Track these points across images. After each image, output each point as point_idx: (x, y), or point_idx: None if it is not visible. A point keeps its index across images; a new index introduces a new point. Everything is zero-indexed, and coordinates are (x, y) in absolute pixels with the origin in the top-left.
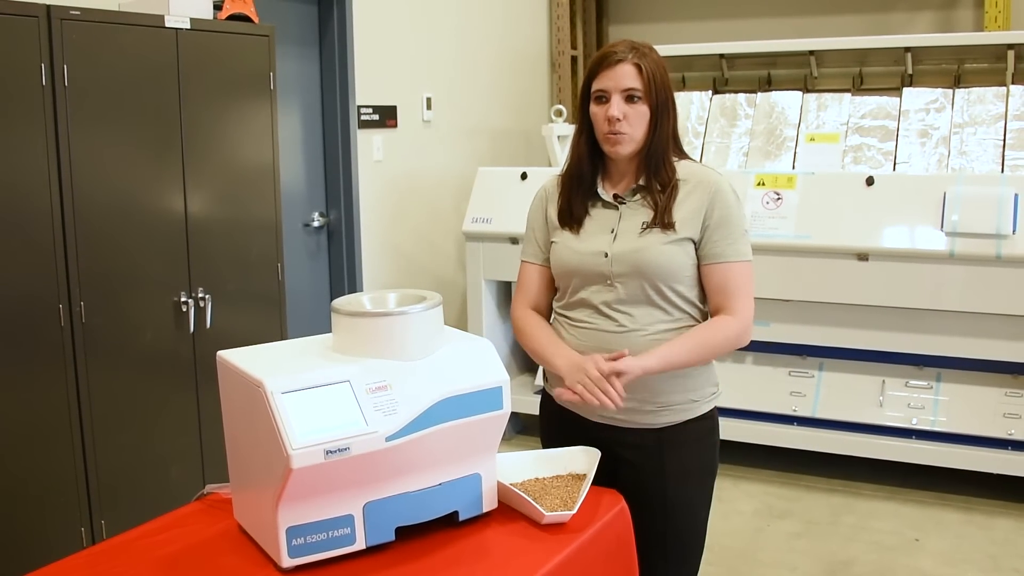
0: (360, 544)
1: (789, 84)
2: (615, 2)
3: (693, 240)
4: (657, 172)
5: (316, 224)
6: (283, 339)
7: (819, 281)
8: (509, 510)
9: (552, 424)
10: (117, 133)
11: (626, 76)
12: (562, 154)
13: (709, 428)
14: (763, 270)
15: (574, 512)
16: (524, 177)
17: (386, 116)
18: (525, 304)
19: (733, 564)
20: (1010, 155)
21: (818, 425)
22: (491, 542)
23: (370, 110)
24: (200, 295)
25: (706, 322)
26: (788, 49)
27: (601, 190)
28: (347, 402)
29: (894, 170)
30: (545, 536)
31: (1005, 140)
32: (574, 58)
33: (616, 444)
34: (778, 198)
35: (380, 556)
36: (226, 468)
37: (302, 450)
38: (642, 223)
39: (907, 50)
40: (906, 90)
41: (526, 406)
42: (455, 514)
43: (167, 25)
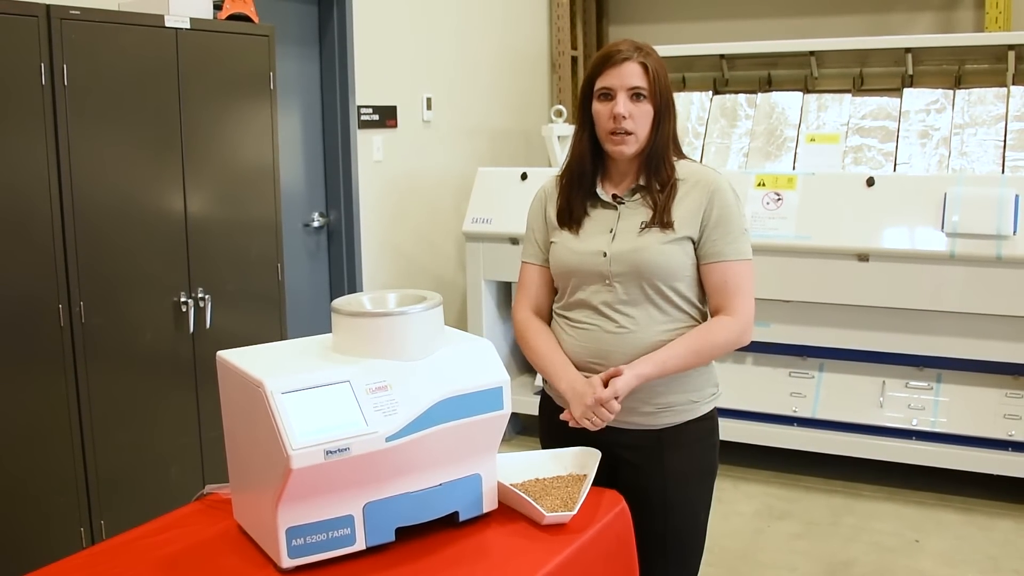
0: (360, 544)
1: (789, 85)
2: (615, 2)
3: (692, 239)
4: (657, 172)
5: (316, 224)
6: (283, 339)
7: (819, 282)
8: (509, 511)
9: (551, 425)
10: (117, 133)
11: (632, 75)
12: (562, 154)
13: (709, 429)
14: (763, 271)
15: (575, 512)
16: (524, 177)
17: (386, 116)
18: (527, 306)
19: (733, 565)
20: (1010, 156)
21: (818, 426)
22: (491, 543)
23: (370, 110)
24: (200, 295)
25: (705, 323)
26: (788, 50)
27: (600, 190)
28: (347, 402)
29: (894, 171)
30: (546, 537)
31: (1006, 141)
32: (574, 58)
33: (616, 445)
34: (778, 199)
35: (380, 557)
36: (226, 468)
37: (302, 450)
38: (641, 223)
39: (907, 51)
40: (906, 91)
41: (526, 406)
42: (455, 514)
43: (167, 25)
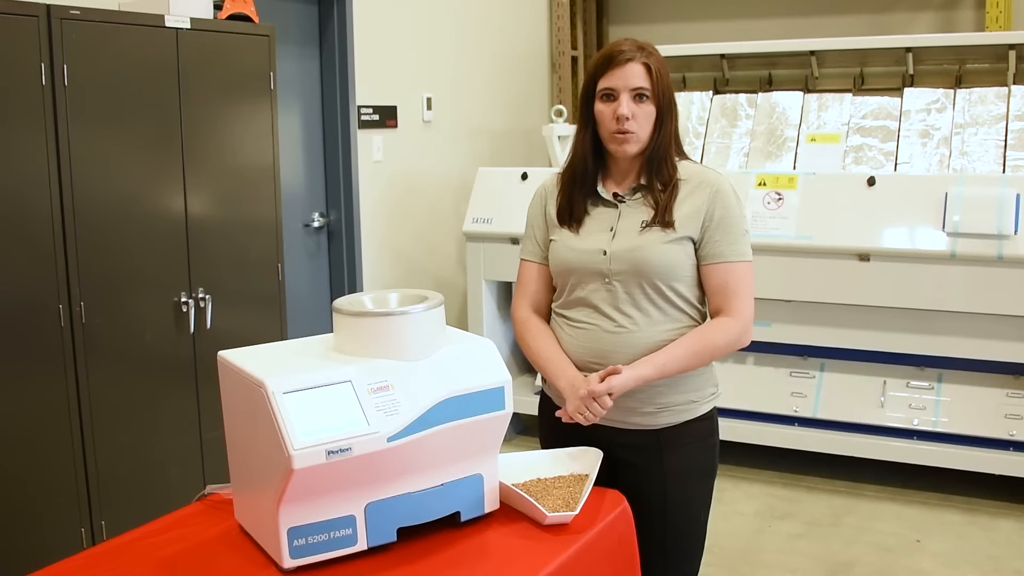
0: (362, 545)
1: (790, 84)
2: (615, 2)
3: (693, 239)
4: (659, 171)
5: (316, 224)
6: (283, 339)
7: (820, 281)
8: (511, 511)
9: (551, 425)
10: (117, 133)
11: (635, 75)
12: (562, 154)
13: (709, 429)
14: (764, 270)
15: (576, 513)
16: (524, 177)
17: (386, 116)
18: (526, 304)
19: (733, 565)
20: (1011, 155)
21: (819, 426)
22: (493, 543)
23: (370, 110)
24: (200, 295)
25: (704, 325)
26: (789, 49)
27: (601, 189)
28: (349, 402)
29: (895, 170)
30: (547, 537)
31: (1006, 140)
32: (574, 58)
33: (615, 445)
34: (779, 198)
35: (382, 557)
36: (226, 468)
37: (303, 450)
38: (642, 222)
39: (908, 50)
40: (907, 90)
41: (526, 407)
42: (457, 515)
43: (167, 25)
